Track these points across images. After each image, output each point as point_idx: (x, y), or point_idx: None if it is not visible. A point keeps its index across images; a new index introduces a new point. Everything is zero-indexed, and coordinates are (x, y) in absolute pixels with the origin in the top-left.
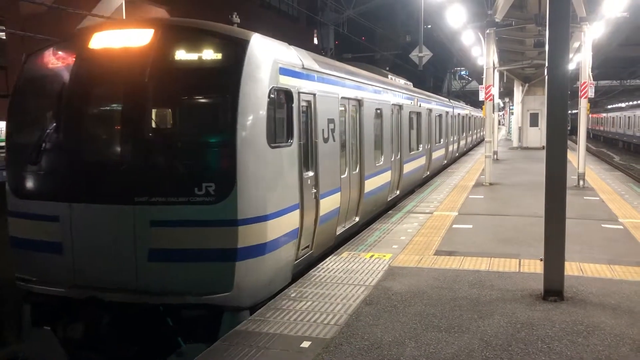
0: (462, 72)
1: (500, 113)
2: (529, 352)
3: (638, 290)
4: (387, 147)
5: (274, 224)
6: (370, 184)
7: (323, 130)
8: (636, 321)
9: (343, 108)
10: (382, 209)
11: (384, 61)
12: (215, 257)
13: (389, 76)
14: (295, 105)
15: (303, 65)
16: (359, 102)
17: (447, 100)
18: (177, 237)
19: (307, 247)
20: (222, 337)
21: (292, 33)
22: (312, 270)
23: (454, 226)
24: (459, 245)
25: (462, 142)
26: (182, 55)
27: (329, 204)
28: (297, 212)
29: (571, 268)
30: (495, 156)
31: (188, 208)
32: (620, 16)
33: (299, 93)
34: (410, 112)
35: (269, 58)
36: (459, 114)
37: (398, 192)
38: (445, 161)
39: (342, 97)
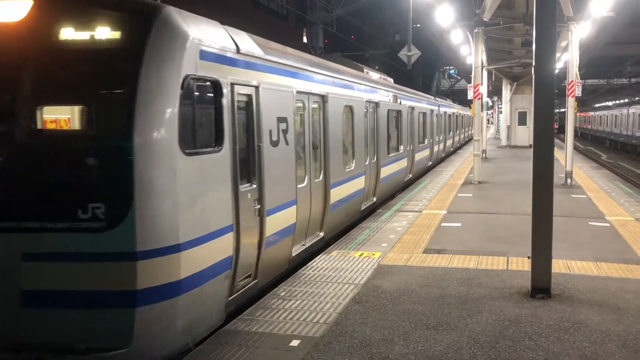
0: (451, 71)
1: (489, 112)
2: (517, 349)
3: (624, 287)
4: (360, 150)
5: (194, 255)
6: (338, 193)
7: (271, 131)
8: (621, 318)
9: (300, 105)
10: (357, 218)
11: (374, 60)
12: (108, 303)
13: (365, 70)
14: (226, 100)
15: (238, 49)
16: (323, 98)
17: (433, 98)
18: (58, 276)
19: (248, 276)
20: (211, 337)
21: (282, 32)
22: (301, 269)
23: (443, 224)
24: (448, 243)
25: (449, 142)
26: (67, 33)
27: (280, 220)
28: (230, 235)
29: (558, 265)
30: (484, 155)
31: (70, 237)
32: (607, 16)
33: (232, 85)
34: (388, 110)
35: (184, 37)
36: (445, 112)
37: (375, 199)
38: (430, 162)
39: (299, 92)
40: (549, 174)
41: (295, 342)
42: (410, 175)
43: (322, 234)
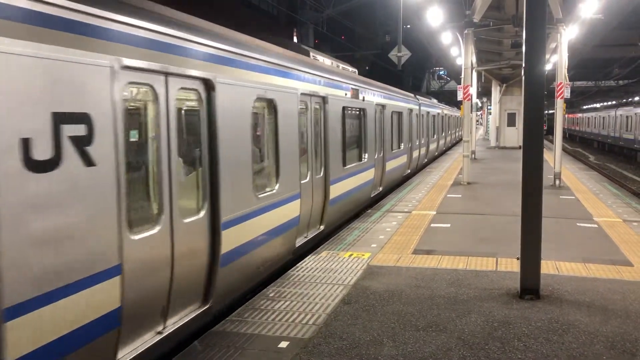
0: (441, 72)
1: (478, 113)
2: (506, 350)
3: (611, 288)
4: (289, 164)
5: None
6: (234, 238)
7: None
8: (609, 319)
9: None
10: (289, 259)
11: (364, 60)
12: None
13: (312, 54)
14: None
15: None
16: (207, 86)
17: (412, 95)
18: None
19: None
20: (199, 338)
21: (272, 31)
22: (290, 269)
23: (433, 225)
24: (437, 244)
25: (433, 146)
26: None
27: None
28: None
29: (547, 266)
30: (473, 155)
31: None
32: (595, 18)
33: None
34: (345, 107)
35: None
36: (428, 112)
37: (322, 227)
38: (409, 170)
39: (130, 81)
40: (538, 175)
41: (284, 344)
42: (381, 189)
43: (205, 307)
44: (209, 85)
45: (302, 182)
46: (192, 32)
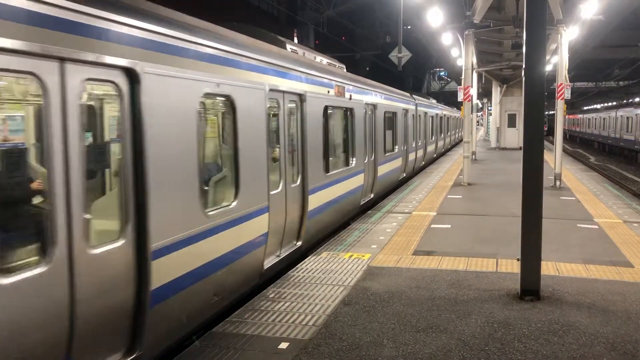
0: (441, 73)
1: (479, 114)
2: (506, 351)
3: (612, 289)
4: (252, 173)
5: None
6: (169, 269)
7: None
8: (610, 320)
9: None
10: (256, 284)
11: (364, 61)
12: None
13: (288, 47)
14: None
15: None
16: (130, 77)
17: (409, 95)
18: None
19: None
20: (199, 338)
21: (272, 32)
22: (291, 270)
23: (433, 226)
24: (438, 245)
25: (431, 148)
26: None
27: None
28: None
29: (547, 268)
30: (473, 156)
31: None
32: (596, 19)
33: None
34: (327, 106)
35: None
36: (425, 113)
37: (299, 244)
38: (404, 174)
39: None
40: (538, 176)
41: (284, 345)
42: (372, 195)
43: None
44: (132, 76)
45: (271, 193)
46: (105, 6)
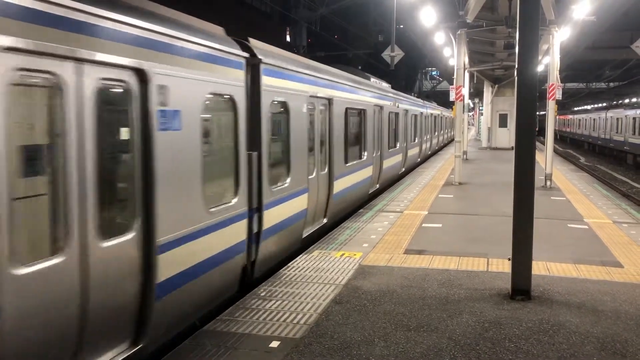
0: (433, 73)
1: (470, 114)
2: (497, 350)
3: (602, 289)
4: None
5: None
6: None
7: None
8: (599, 320)
9: None
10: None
11: (357, 60)
12: None
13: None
14: None
15: None
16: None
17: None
18: None
19: None
20: (190, 337)
21: (265, 30)
22: (282, 269)
23: (424, 225)
24: (429, 244)
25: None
26: None
27: None
28: None
29: (538, 267)
30: (464, 156)
31: None
32: (588, 20)
33: None
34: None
35: None
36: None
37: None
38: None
39: None
40: (530, 176)
41: (275, 343)
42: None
43: None
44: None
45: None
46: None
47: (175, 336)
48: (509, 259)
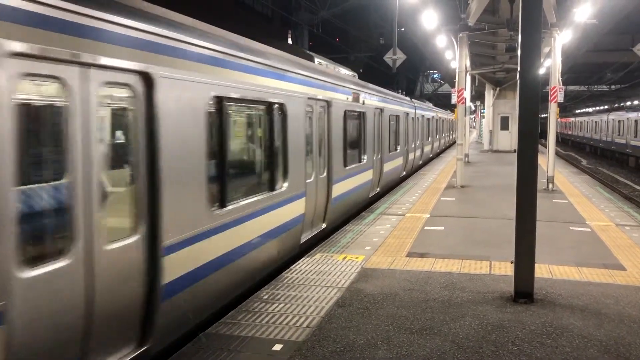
0: (435, 75)
1: (472, 116)
2: (500, 354)
3: (605, 292)
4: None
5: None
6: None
7: None
8: (603, 323)
9: None
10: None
11: (358, 62)
12: None
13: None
14: None
15: None
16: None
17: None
18: None
19: None
20: (192, 341)
21: (266, 33)
22: (284, 272)
23: (426, 228)
24: (431, 247)
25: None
26: None
27: None
28: None
29: (541, 270)
30: (466, 159)
31: None
32: (589, 23)
33: None
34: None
35: None
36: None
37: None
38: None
39: None
40: (532, 179)
41: (278, 347)
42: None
43: None
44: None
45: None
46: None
47: (179, 339)
48: (512, 262)
